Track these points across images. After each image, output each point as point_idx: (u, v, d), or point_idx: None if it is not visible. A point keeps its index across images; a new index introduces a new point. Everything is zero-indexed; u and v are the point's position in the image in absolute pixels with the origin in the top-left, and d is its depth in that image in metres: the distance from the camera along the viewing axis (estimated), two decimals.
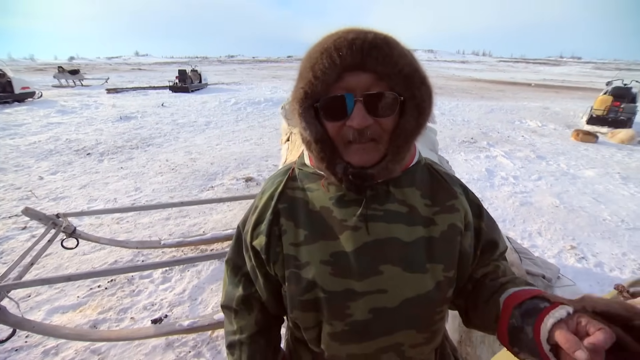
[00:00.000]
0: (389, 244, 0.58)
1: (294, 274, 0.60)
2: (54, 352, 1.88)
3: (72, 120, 8.20)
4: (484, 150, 6.08)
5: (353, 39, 0.51)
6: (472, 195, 0.68)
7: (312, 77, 0.53)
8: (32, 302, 2.25)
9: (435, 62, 79.52)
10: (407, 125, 0.54)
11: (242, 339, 0.69)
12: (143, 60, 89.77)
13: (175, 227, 3.27)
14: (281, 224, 0.62)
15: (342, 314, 0.59)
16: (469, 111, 10.53)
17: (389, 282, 0.58)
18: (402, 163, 0.58)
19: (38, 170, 4.81)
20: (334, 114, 0.54)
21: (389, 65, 0.51)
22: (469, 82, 23.11)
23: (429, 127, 2.09)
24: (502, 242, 0.70)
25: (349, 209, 0.59)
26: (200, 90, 15.18)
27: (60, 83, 16.50)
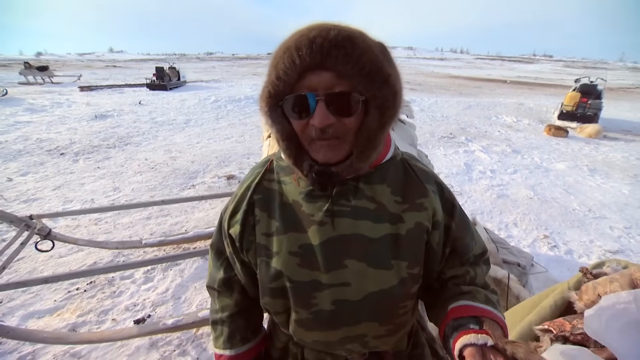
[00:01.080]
0: (353, 240, 0.60)
1: (265, 262, 0.64)
2: (30, 357, 1.82)
3: (43, 119, 7.84)
4: (462, 145, 6.25)
5: (314, 37, 0.50)
6: (447, 193, 0.68)
7: (274, 78, 0.54)
8: (4, 308, 2.16)
9: (415, 59, 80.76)
10: (370, 124, 0.54)
11: (223, 318, 0.74)
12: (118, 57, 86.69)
13: (156, 226, 3.20)
14: (255, 214, 0.66)
15: (307, 303, 0.63)
16: (447, 107, 10.78)
17: (352, 276, 0.61)
18: (369, 161, 0.58)
19: (6, 172, 4.58)
20: (297, 113, 0.54)
21: (349, 64, 0.50)
22: (448, 79, 23.63)
23: (408, 122, 2.14)
24: (476, 244, 0.71)
25: (316, 204, 0.62)
26: (178, 87, 14.83)
27: (27, 80, 15.69)
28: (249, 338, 0.74)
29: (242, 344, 0.73)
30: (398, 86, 0.55)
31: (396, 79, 0.55)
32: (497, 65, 63.90)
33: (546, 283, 1.92)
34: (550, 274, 2.15)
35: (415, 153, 2.00)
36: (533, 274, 2.02)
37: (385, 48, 0.56)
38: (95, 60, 55.73)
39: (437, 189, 0.66)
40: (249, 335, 0.75)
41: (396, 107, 0.55)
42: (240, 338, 0.73)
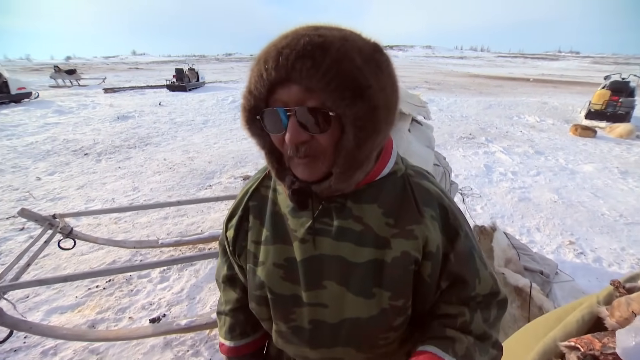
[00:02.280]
0: (334, 262, 0.57)
1: (252, 269, 0.64)
2: (52, 352, 1.88)
3: (70, 120, 8.16)
4: (482, 146, 6.07)
5: (282, 48, 0.45)
6: (453, 219, 0.58)
7: (247, 91, 0.51)
8: (30, 303, 2.24)
9: (434, 58, 79.48)
10: (345, 144, 0.48)
11: (225, 311, 0.76)
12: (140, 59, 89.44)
13: (173, 226, 3.26)
14: (249, 220, 0.65)
15: (287, 318, 0.61)
16: (467, 107, 10.52)
17: (330, 298, 0.58)
18: (352, 181, 0.53)
19: (35, 171, 4.79)
20: (272, 128, 0.50)
21: (314, 78, 0.44)
22: (467, 78, 23.09)
23: (425, 123, 2.08)
24: (481, 282, 0.60)
25: (300, 219, 0.59)
26: (197, 88, 15.12)
27: (57, 83, 16.42)
28: (248, 333, 0.75)
29: (241, 338, 0.74)
30: (381, 99, 0.47)
31: (379, 91, 0.47)
32: (520, 63, 61.98)
33: (572, 293, 1.82)
34: (577, 283, 2.04)
35: (432, 155, 1.94)
36: (557, 283, 1.92)
37: (376, 53, 0.49)
38: (119, 62, 57.71)
39: (439, 214, 0.58)
40: (249, 330, 0.75)
41: (375, 124, 0.48)
42: (239, 332, 0.74)
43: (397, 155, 0.61)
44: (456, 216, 0.59)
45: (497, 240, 2.11)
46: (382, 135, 0.51)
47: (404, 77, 20.21)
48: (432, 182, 0.62)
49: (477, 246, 0.62)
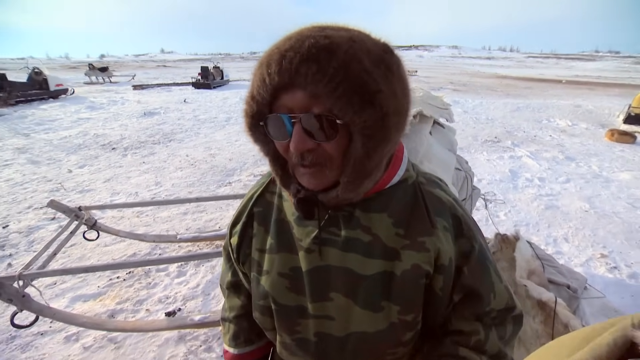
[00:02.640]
0: (341, 274, 0.54)
1: (256, 278, 0.62)
2: (74, 338, 1.96)
3: (100, 115, 8.52)
4: (508, 150, 5.84)
5: (286, 50, 0.43)
6: (467, 231, 0.55)
7: (249, 96, 0.49)
8: (57, 290, 2.35)
9: (460, 58, 77.45)
10: (353, 152, 0.46)
11: (229, 318, 0.75)
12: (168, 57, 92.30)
13: (192, 222, 3.32)
14: (254, 227, 0.63)
15: (291, 329, 0.59)
16: (493, 109, 10.16)
17: (337, 311, 0.55)
18: (360, 191, 0.51)
19: (68, 164, 5.03)
20: (276, 134, 0.48)
21: (320, 83, 0.41)
22: (494, 79, 22.33)
23: (448, 126, 2.01)
24: (496, 297, 0.57)
25: (306, 228, 0.56)
26: (221, 86, 15.43)
27: (90, 80, 17.22)
28: (252, 340, 0.73)
29: (245, 345, 0.73)
30: (392, 105, 0.44)
31: (389, 96, 0.44)
32: (552, 64, 59.37)
33: (603, 311, 1.70)
34: (609, 300, 1.91)
35: (454, 159, 1.87)
36: (586, 299, 1.81)
37: (386, 55, 0.46)
38: (148, 60, 59.79)
39: (452, 225, 0.55)
40: (253, 338, 0.73)
41: (385, 132, 0.45)
42: (244, 339, 0.73)
43: (408, 162, 0.58)
44: (470, 227, 0.56)
45: (520, 250, 2.01)
46: (392, 143, 0.48)
47: (429, 78, 19.79)
48: (445, 190, 0.59)
49: (492, 258, 0.59)
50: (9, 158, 5.25)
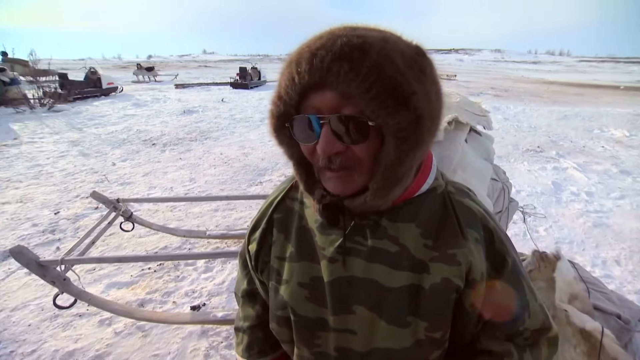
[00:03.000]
0: (365, 285, 0.51)
1: (275, 287, 0.59)
2: (107, 322, 2.07)
3: (144, 112, 9.03)
4: (551, 161, 5.47)
5: (317, 49, 0.41)
6: (499, 244, 0.53)
7: (276, 96, 0.47)
8: (95, 275, 2.50)
9: (502, 62, 73.77)
10: (385, 156, 0.44)
11: (244, 327, 0.72)
12: (210, 57, 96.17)
13: (222, 219, 3.41)
14: (273, 234, 0.60)
15: (310, 342, 0.56)
16: (537, 117, 9.56)
17: (360, 325, 0.52)
18: (389, 198, 0.48)
19: (112, 157, 5.37)
20: (303, 136, 0.46)
21: (353, 83, 0.39)
22: (540, 85, 21.04)
23: (485, 133, 1.91)
24: (530, 316, 0.54)
25: (329, 237, 0.54)
26: (259, 87, 15.78)
27: (138, 79, 18.33)
28: (267, 352, 0.71)
29: (258, 357, 0.71)
30: (426, 107, 0.43)
31: (423, 98, 0.42)
32: (608, 68, 54.90)
33: None
34: None
35: (490, 169, 1.76)
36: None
37: (419, 57, 0.44)
38: (191, 60, 62.64)
39: (483, 237, 0.52)
40: (267, 349, 0.71)
41: (419, 136, 0.43)
42: (257, 350, 0.70)
43: (437, 171, 0.55)
44: (502, 240, 0.53)
45: (560, 271, 1.85)
46: (425, 148, 0.46)
47: (468, 83, 19.05)
48: (475, 201, 0.56)
49: (526, 275, 0.55)
50: (64, 150, 5.71)
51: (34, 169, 4.80)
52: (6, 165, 4.93)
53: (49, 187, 4.18)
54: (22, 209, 3.61)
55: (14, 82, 9.42)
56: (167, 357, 1.83)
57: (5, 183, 4.30)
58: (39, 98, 9.13)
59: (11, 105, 8.59)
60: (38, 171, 4.73)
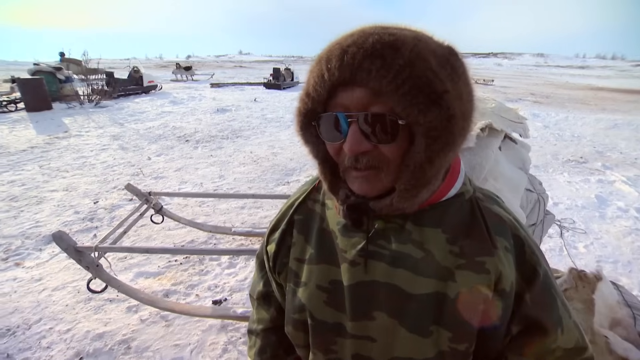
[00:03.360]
0: (387, 291, 0.49)
1: (292, 289, 0.58)
2: (134, 309, 2.17)
3: (180, 110, 9.42)
4: (596, 173, 5.09)
5: (348, 46, 0.41)
6: (530, 254, 0.50)
7: (304, 94, 0.47)
8: (126, 264, 2.63)
9: (545, 67, 69.84)
10: (414, 156, 0.42)
11: (257, 330, 0.71)
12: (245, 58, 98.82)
13: (248, 216, 3.48)
14: (293, 235, 0.59)
15: (327, 348, 0.54)
16: (581, 125, 8.96)
17: (380, 332, 0.50)
18: (416, 201, 0.46)
19: (148, 152, 5.64)
20: (329, 135, 0.46)
21: (384, 79, 0.39)
22: (587, 91, 19.71)
23: (521, 142, 1.80)
24: (564, 333, 0.50)
25: (351, 239, 0.52)
26: (291, 87, 15.97)
27: (176, 78, 19.20)
28: (280, 356, 0.70)
29: None
30: (458, 107, 0.41)
31: (456, 98, 0.41)
32: None
33: None
34: None
35: (525, 179, 1.66)
36: None
37: (451, 56, 0.43)
38: (227, 60, 64.69)
39: (513, 246, 0.49)
40: (281, 354, 0.70)
41: (450, 136, 0.42)
42: (270, 355, 0.69)
43: (465, 176, 0.53)
44: (533, 250, 0.50)
45: (601, 293, 1.71)
46: (455, 150, 0.45)
47: (506, 88, 18.20)
48: (504, 208, 0.54)
49: (559, 289, 0.51)
50: (107, 143, 6.08)
51: (79, 160, 5.15)
52: (57, 156, 5.33)
53: (91, 178, 4.46)
54: (67, 197, 3.88)
55: (68, 80, 10.22)
56: (187, 347, 1.88)
57: (55, 172, 4.65)
58: (87, 95, 9.80)
59: (65, 101, 9.30)
60: (82, 162, 5.07)
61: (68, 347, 1.90)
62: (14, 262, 2.67)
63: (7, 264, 2.65)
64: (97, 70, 11.46)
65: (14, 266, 2.63)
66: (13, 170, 4.66)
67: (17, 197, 3.83)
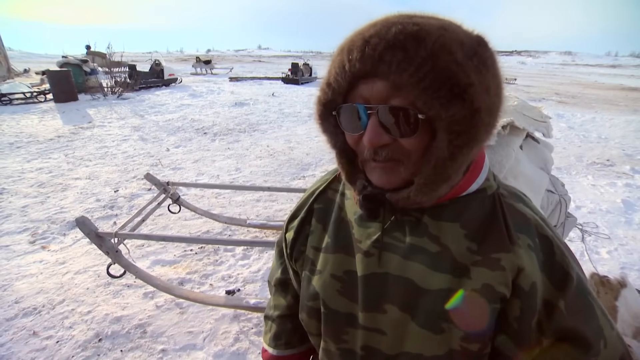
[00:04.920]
0: (399, 284, 0.49)
1: (308, 277, 0.58)
2: (150, 295, 2.24)
3: (199, 103, 9.57)
4: (623, 177, 4.88)
5: (370, 36, 0.40)
6: (560, 255, 0.46)
7: (325, 84, 0.46)
8: (144, 251, 2.71)
9: (572, 66, 66.97)
10: (435, 151, 0.41)
11: (273, 316, 0.73)
12: (264, 52, 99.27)
13: (263, 209, 3.51)
14: (312, 224, 0.60)
15: (338, 338, 0.54)
16: (609, 127, 8.58)
17: (390, 325, 0.49)
18: (435, 195, 0.45)
19: (167, 143, 5.77)
20: (349, 126, 0.45)
21: (405, 72, 0.38)
22: (617, 91, 18.82)
23: (544, 141, 1.75)
24: (607, 346, 0.45)
25: (367, 230, 0.52)
26: (309, 83, 15.94)
27: (196, 71, 19.48)
28: (294, 344, 0.71)
29: (285, 348, 0.71)
30: (484, 101, 0.40)
31: (482, 91, 0.40)
32: None
33: None
34: None
35: (547, 179, 1.61)
36: None
37: (480, 47, 0.41)
38: (246, 55, 65.21)
39: (539, 246, 0.46)
40: (295, 342, 0.71)
41: (474, 131, 0.40)
42: (285, 341, 0.71)
43: (489, 171, 0.51)
44: (564, 252, 0.46)
45: (625, 299, 1.65)
46: (480, 144, 0.43)
47: (530, 87, 17.61)
48: (530, 207, 0.50)
49: (595, 295, 0.47)
50: (127, 134, 6.25)
51: (102, 150, 5.32)
52: (81, 146, 5.53)
53: (112, 167, 4.60)
54: (90, 185, 4.02)
55: (93, 72, 10.56)
56: (200, 335, 1.93)
57: (79, 161, 4.82)
58: (111, 87, 10.08)
59: (89, 92, 9.60)
60: (104, 152, 5.24)
61: (88, 328, 1.98)
62: (40, 246, 2.80)
63: (35, 247, 2.78)
64: (120, 63, 11.77)
65: (40, 249, 2.76)
66: (41, 158, 4.86)
67: (45, 184, 4.00)
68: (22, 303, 2.16)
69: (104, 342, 1.89)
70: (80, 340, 1.89)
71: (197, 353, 1.83)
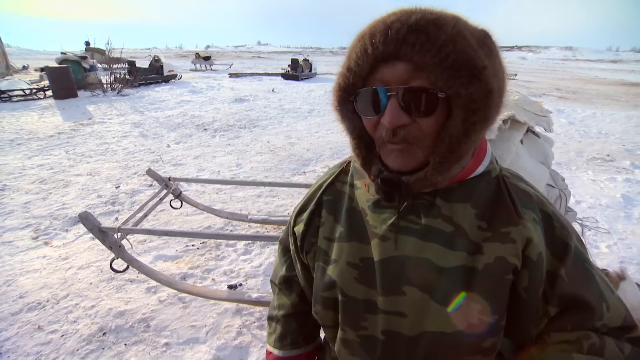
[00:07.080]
0: (417, 265, 0.50)
1: (321, 268, 0.59)
2: (153, 290, 2.25)
3: (199, 99, 9.55)
4: (623, 172, 4.88)
5: (392, 22, 0.43)
6: (560, 228, 0.50)
7: (345, 69, 0.48)
8: (146, 247, 2.72)
9: (573, 61, 66.59)
10: (451, 129, 0.44)
11: (278, 316, 0.72)
12: (263, 48, 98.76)
13: (264, 205, 3.53)
14: (322, 215, 0.61)
15: (357, 324, 0.55)
16: (610, 122, 8.57)
17: (410, 307, 0.51)
18: (449, 174, 0.48)
19: (167, 139, 5.77)
20: (367, 109, 0.47)
21: (428, 53, 0.41)
22: (618, 87, 18.76)
23: (544, 136, 1.75)
24: (610, 310, 0.49)
25: (382, 215, 0.53)
26: (309, 79, 15.88)
27: (195, 67, 19.39)
28: (299, 344, 0.71)
29: (291, 348, 0.70)
30: (495, 83, 0.43)
31: (493, 75, 0.43)
32: None
33: None
34: None
35: (547, 174, 1.62)
36: None
37: (486, 37, 0.46)
38: (245, 51, 64.85)
39: (541, 219, 0.50)
40: (300, 342, 0.71)
41: (488, 110, 0.44)
42: (290, 341, 0.70)
43: (492, 155, 0.55)
44: (563, 225, 0.51)
45: (624, 292, 1.66)
46: (490, 124, 0.47)
47: (530, 83, 17.53)
48: (531, 186, 0.55)
49: (595, 265, 0.51)
50: (128, 131, 6.25)
51: (102, 147, 5.33)
52: (81, 142, 5.53)
53: (113, 164, 4.61)
54: (91, 181, 4.03)
55: (92, 68, 10.50)
56: (203, 329, 1.95)
57: (80, 157, 4.83)
58: (110, 83, 10.05)
59: (89, 89, 9.58)
60: (105, 148, 5.24)
61: (92, 322, 2.00)
62: (43, 241, 2.81)
63: (37, 243, 2.79)
64: (120, 60, 11.72)
65: (43, 245, 2.77)
66: (42, 155, 4.87)
67: (46, 180, 4.01)
68: (26, 298, 2.18)
69: (108, 336, 1.91)
70: (85, 334, 1.92)
71: (200, 347, 1.85)
